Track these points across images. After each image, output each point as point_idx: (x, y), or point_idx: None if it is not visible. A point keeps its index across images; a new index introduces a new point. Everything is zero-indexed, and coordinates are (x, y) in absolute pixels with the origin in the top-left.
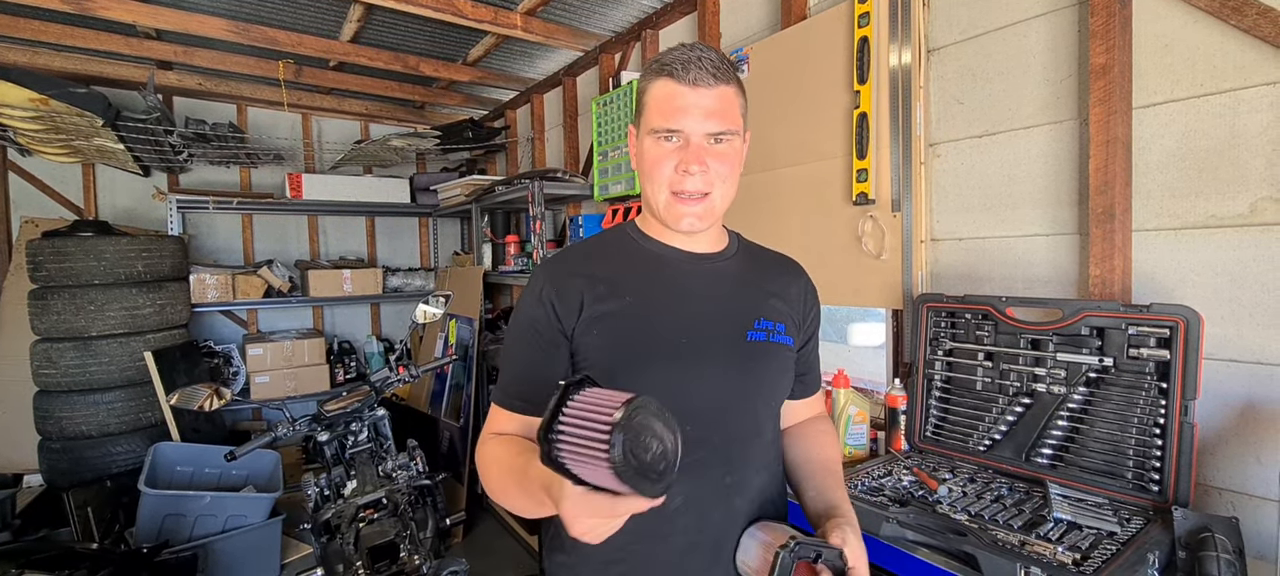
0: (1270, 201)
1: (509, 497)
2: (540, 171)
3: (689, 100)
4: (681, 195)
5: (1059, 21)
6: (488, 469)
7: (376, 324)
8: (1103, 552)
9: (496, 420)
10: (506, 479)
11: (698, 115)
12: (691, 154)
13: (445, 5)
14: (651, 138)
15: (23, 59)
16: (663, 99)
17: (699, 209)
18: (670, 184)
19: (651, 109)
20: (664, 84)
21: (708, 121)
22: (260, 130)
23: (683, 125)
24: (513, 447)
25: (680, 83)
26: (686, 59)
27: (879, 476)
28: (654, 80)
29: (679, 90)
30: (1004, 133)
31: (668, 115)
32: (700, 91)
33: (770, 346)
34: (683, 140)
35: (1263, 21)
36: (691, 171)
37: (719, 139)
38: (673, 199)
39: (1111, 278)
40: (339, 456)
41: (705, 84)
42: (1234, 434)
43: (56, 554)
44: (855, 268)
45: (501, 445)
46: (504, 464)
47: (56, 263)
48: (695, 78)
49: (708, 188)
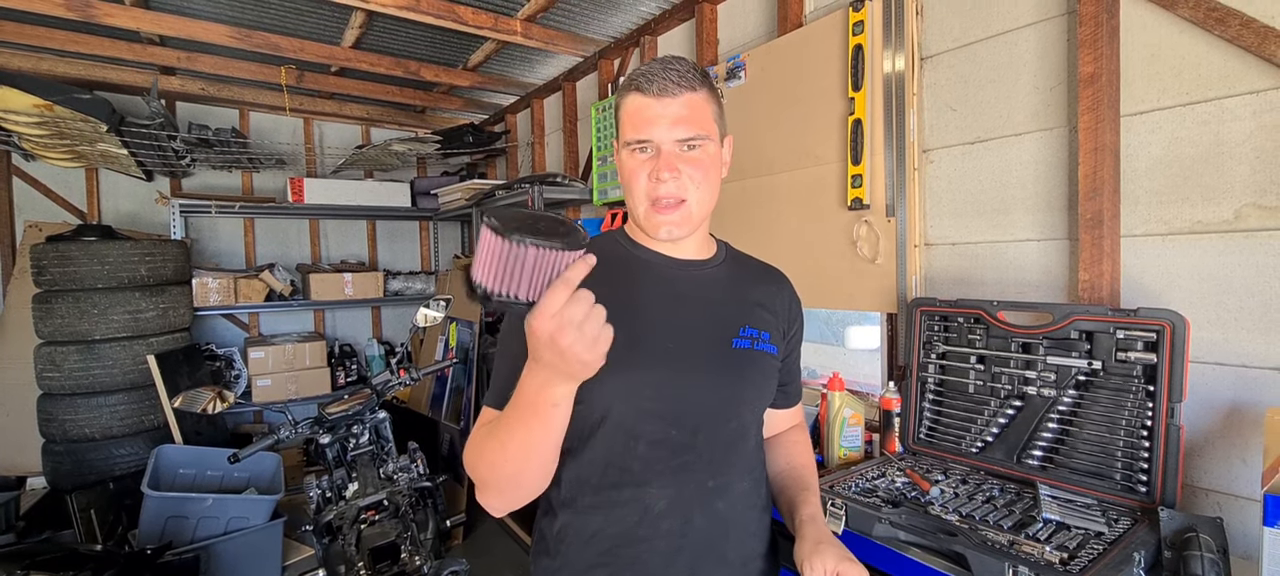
0: (1254, 208)
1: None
2: (540, 175)
3: (655, 110)
4: (658, 204)
5: (1049, 30)
6: (478, 449)
7: (377, 327)
8: (1089, 552)
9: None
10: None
11: (665, 123)
12: (663, 161)
13: (446, 11)
14: (626, 151)
15: (27, 65)
16: (633, 111)
17: (676, 216)
18: (647, 193)
19: (624, 123)
20: (633, 98)
21: (676, 128)
22: (262, 135)
23: (652, 134)
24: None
25: (646, 94)
26: (652, 71)
27: (873, 478)
28: (625, 95)
29: (646, 102)
30: (996, 139)
31: (638, 126)
32: (665, 101)
33: (755, 354)
34: (655, 149)
35: (1246, 32)
36: (663, 178)
37: (691, 145)
38: (651, 209)
39: (1100, 282)
40: (340, 458)
41: (670, 94)
42: (1220, 436)
43: (60, 555)
44: (850, 272)
45: (481, 426)
46: (487, 428)
47: (60, 267)
48: (660, 88)
49: (682, 194)
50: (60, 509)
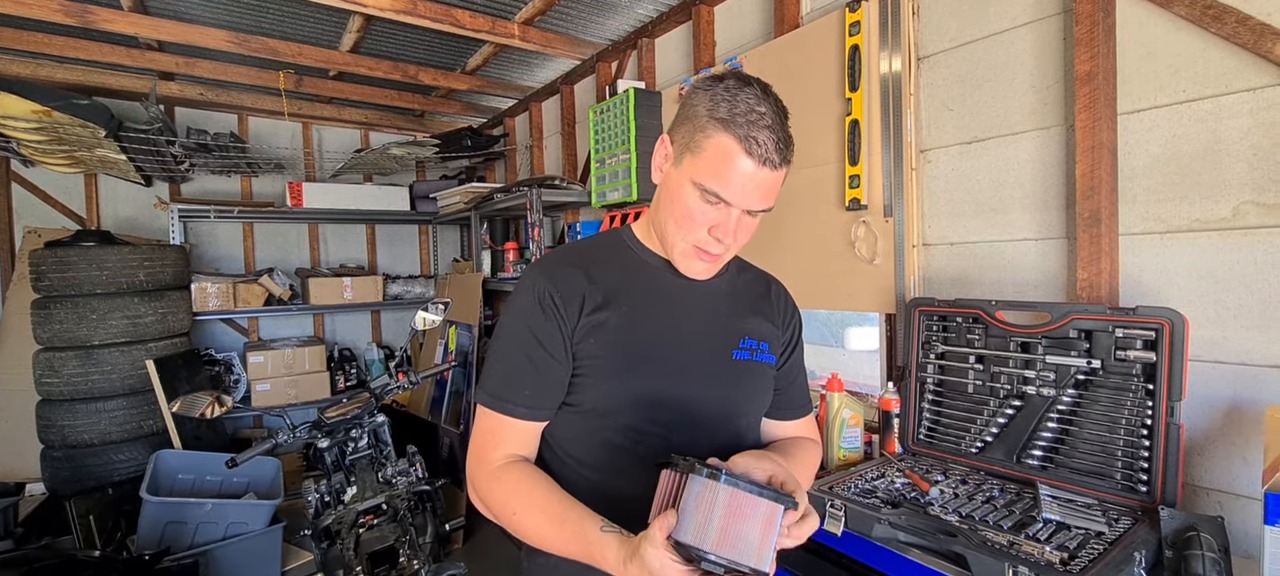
0: (1252, 205)
1: (546, 540)
2: (538, 179)
3: (752, 180)
4: (702, 253)
5: (1045, 29)
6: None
7: (377, 331)
8: (1090, 552)
9: (497, 430)
10: (524, 502)
11: (751, 193)
12: (731, 227)
13: (444, 15)
14: (694, 189)
15: (26, 71)
16: (723, 161)
17: (712, 265)
18: (696, 240)
19: (707, 162)
20: (730, 144)
21: (756, 200)
22: (261, 139)
23: (732, 198)
24: (544, 487)
25: (750, 155)
26: (761, 134)
27: (872, 479)
28: (721, 132)
29: (745, 163)
30: (993, 139)
31: (723, 181)
32: (764, 172)
33: (754, 365)
34: (725, 209)
35: (1242, 29)
36: (722, 239)
37: (755, 214)
38: (693, 251)
39: (1099, 281)
40: (339, 463)
41: (771, 166)
42: (1220, 434)
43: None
44: (849, 272)
45: (529, 481)
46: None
47: (59, 272)
48: (764, 157)
49: (727, 253)
50: (59, 515)
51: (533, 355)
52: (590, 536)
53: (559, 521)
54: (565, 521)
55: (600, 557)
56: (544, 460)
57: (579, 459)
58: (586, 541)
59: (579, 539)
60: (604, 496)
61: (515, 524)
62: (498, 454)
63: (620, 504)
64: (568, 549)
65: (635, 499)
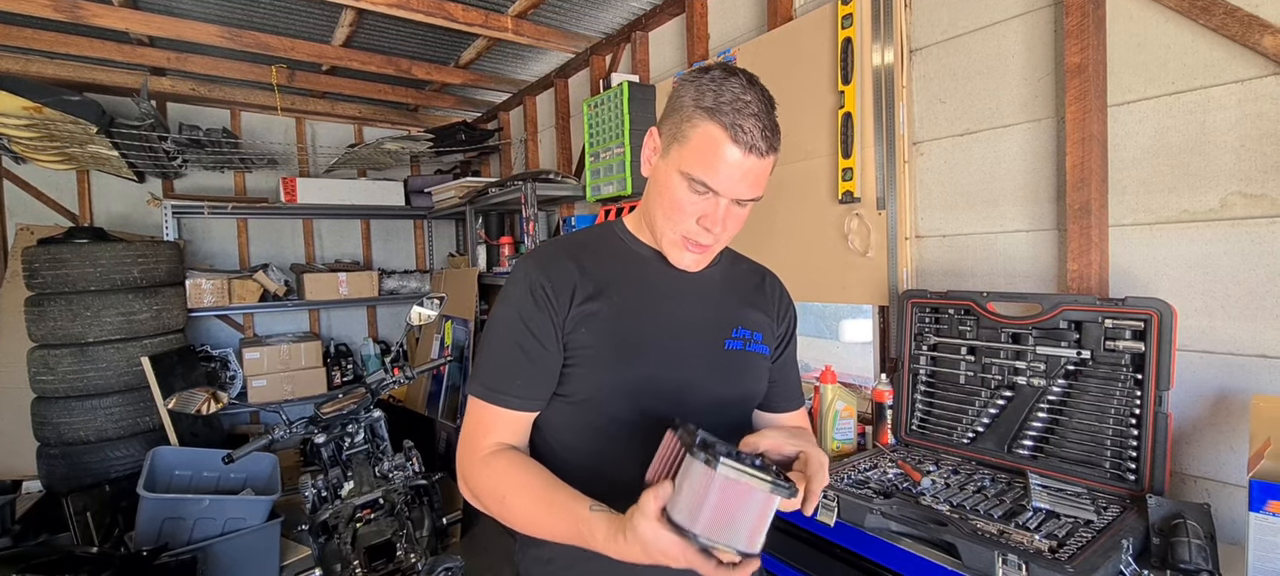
0: (1239, 196)
1: (535, 523)
2: (533, 173)
3: (737, 168)
4: (690, 243)
5: (1036, 22)
6: (507, 495)
7: (373, 326)
8: (1078, 540)
9: (489, 421)
10: (513, 487)
11: (738, 181)
12: (718, 215)
13: (436, 9)
14: (682, 179)
15: (15, 67)
16: (708, 149)
17: (701, 256)
18: (684, 230)
19: (692, 151)
20: (716, 133)
21: (744, 188)
22: (254, 135)
23: (720, 187)
24: (532, 470)
25: (735, 143)
26: (747, 122)
27: (865, 470)
28: (707, 121)
29: (732, 151)
30: (985, 131)
31: (711, 170)
32: (750, 159)
33: (747, 355)
34: (713, 198)
35: (1230, 21)
36: (710, 229)
37: (744, 203)
38: (682, 242)
39: (1089, 272)
40: (336, 458)
41: (757, 154)
42: (1208, 423)
43: (56, 558)
44: (842, 265)
45: (518, 465)
46: (532, 491)
47: (53, 269)
48: (750, 144)
49: (717, 243)
50: (56, 512)
51: (525, 345)
52: (579, 516)
53: (547, 503)
54: (553, 503)
55: (589, 536)
56: (536, 450)
57: (571, 449)
58: (575, 520)
59: (568, 519)
60: (596, 486)
61: (504, 509)
62: (488, 443)
63: (612, 493)
64: (557, 530)
65: (627, 487)
